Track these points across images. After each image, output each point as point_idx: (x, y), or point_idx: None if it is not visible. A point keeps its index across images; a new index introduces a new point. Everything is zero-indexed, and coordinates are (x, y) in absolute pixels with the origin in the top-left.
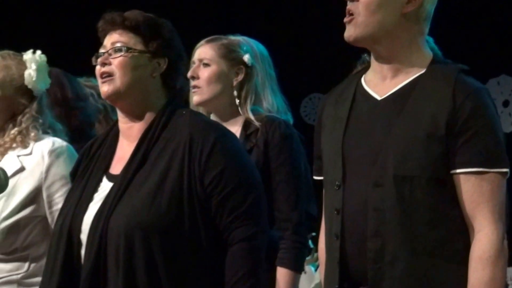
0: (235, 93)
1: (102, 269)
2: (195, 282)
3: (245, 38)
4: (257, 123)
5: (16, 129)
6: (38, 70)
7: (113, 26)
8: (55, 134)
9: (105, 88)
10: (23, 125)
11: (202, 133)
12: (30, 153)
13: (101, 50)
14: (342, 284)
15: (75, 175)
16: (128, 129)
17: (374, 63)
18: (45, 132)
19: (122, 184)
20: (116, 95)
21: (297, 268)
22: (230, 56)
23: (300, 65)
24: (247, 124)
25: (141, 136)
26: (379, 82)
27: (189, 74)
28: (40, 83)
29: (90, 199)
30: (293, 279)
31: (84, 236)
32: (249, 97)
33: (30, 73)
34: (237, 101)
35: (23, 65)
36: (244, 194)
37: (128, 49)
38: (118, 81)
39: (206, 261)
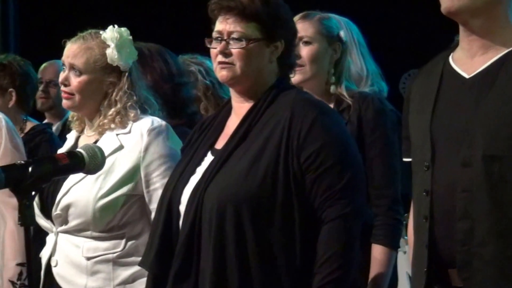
0: (332, 70)
1: (196, 240)
2: (284, 258)
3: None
4: (349, 100)
5: (113, 109)
6: (118, 46)
7: (229, 11)
8: (150, 108)
9: (224, 73)
10: (119, 105)
11: (303, 109)
12: (129, 132)
13: (217, 35)
14: (430, 267)
15: (184, 151)
16: (239, 107)
17: (463, 41)
18: (143, 109)
19: (221, 157)
20: (234, 81)
21: (393, 245)
22: (329, 33)
23: (399, 41)
24: (339, 101)
25: (246, 113)
26: (468, 60)
27: None
28: (124, 59)
29: (192, 172)
30: (389, 256)
31: (183, 208)
32: (343, 73)
33: (111, 51)
34: (333, 78)
35: (105, 44)
36: (340, 172)
37: (248, 40)
38: (238, 70)
39: (297, 237)
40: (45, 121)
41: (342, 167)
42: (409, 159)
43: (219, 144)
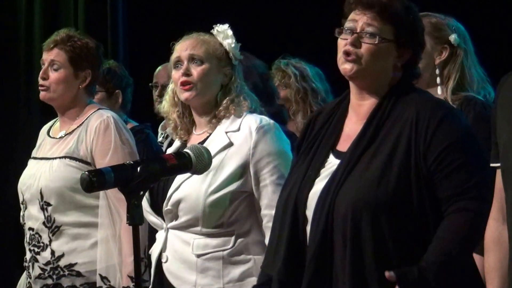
0: (437, 71)
1: (329, 246)
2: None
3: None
4: (454, 104)
5: (228, 97)
6: (232, 37)
7: (369, 7)
8: (255, 104)
9: (347, 66)
10: (233, 94)
11: (429, 110)
12: (238, 129)
13: (349, 27)
14: None
15: (299, 148)
16: (359, 106)
17: None
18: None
19: (351, 161)
20: (356, 75)
21: None
22: (436, 34)
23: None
24: None
25: (371, 114)
26: None
27: None
28: (237, 50)
29: (316, 175)
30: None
31: (309, 212)
32: (452, 77)
33: (228, 41)
34: (438, 79)
35: (216, 38)
36: (467, 173)
37: (381, 38)
38: (363, 64)
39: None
40: (163, 123)
41: (468, 168)
42: (497, 164)
43: (342, 146)
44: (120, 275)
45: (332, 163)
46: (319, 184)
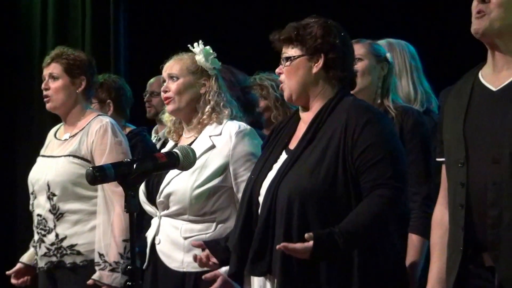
0: (380, 84)
1: (271, 226)
2: None
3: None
4: (393, 112)
5: (208, 106)
6: (204, 52)
7: (282, 42)
8: (235, 110)
9: (285, 94)
10: (212, 102)
11: (357, 114)
12: (220, 134)
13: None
14: (466, 248)
15: (263, 148)
16: (306, 116)
17: (490, 58)
18: (231, 110)
19: (293, 157)
20: (290, 97)
21: (425, 234)
22: (377, 53)
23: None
24: (386, 112)
25: (312, 120)
26: (495, 75)
27: None
28: (209, 62)
29: (270, 168)
30: (421, 244)
31: (261, 199)
32: (390, 88)
33: (198, 55)
34: (379, 91)
35: (194, 54)
36: (387, 166)
37: (288, 58)
38: (288, 86)
39: None
40: (155, 127)
41: (389, 161)
42: (442, 159)
43: (292, 145)
44: (113, 252)
45: (283, 158)
46: (271, 176)
